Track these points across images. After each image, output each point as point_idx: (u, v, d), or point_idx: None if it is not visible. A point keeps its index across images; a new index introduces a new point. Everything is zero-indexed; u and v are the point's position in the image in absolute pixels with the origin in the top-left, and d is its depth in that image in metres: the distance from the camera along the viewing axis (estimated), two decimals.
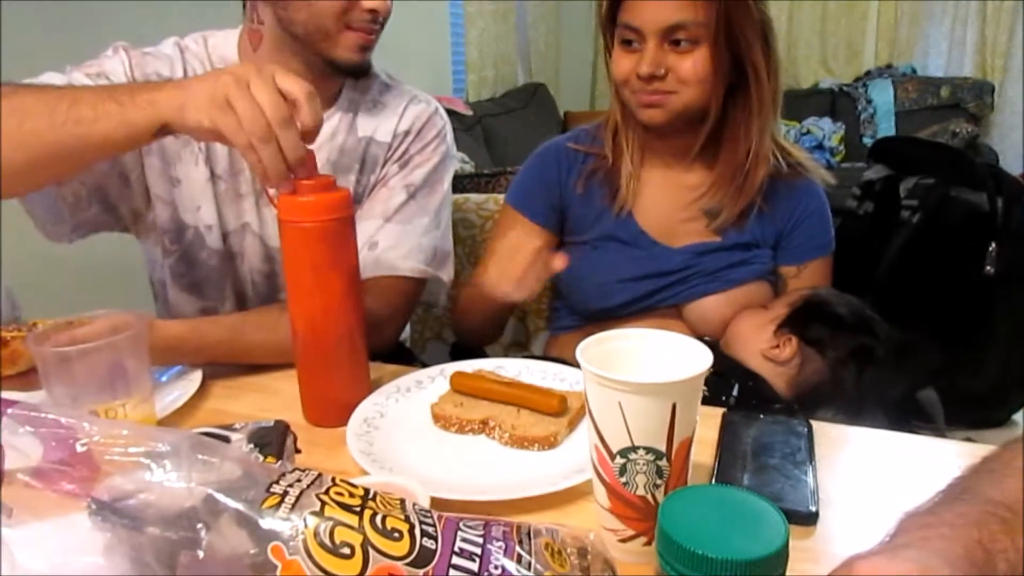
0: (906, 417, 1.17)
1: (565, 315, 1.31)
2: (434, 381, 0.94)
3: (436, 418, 0.85)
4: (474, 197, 1.54)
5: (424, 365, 1.01)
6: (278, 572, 0.39)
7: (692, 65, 1.05)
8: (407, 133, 1.16)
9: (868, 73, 5.04)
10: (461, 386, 0.89)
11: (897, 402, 1.16)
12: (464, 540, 0.44)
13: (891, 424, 0.91)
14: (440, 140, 1.19)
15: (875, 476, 0.78)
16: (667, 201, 1.21)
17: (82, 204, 1.05)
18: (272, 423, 0.68)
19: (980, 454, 0.77)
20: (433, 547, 0.42)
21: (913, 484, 0.75)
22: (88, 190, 1.05)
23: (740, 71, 1.09)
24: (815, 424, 0.83)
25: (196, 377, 0.92)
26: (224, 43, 1.12)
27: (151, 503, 0.43)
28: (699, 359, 0.61)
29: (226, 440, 0.63)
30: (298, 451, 0.73)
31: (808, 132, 4.73)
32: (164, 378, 0.94)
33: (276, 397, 0.94)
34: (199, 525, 0.41)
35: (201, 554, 0.40)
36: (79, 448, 0.41)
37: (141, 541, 0.42)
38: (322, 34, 1.01)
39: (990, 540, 0.46)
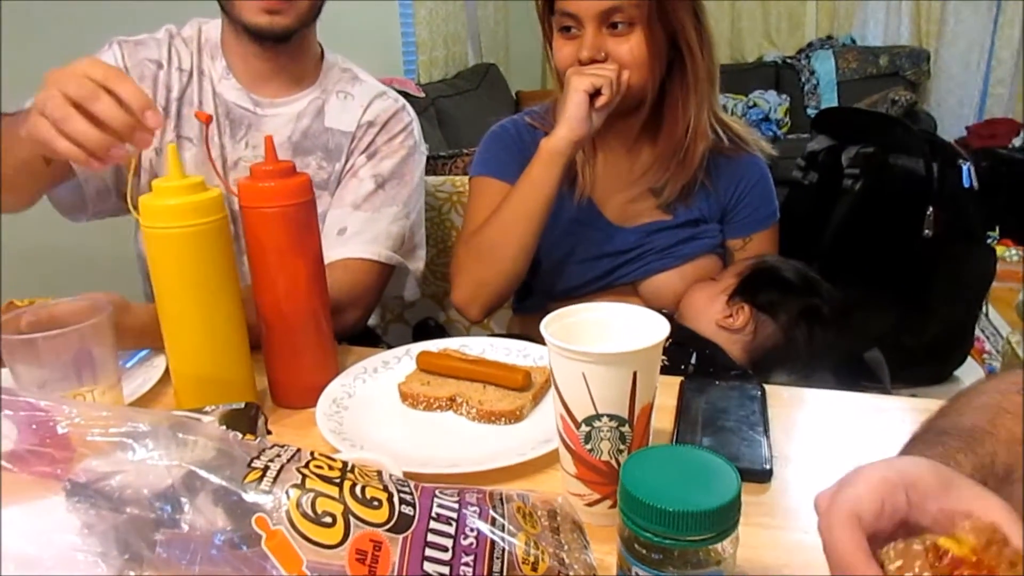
0: (854, 378, 1.23)
1: (526, 296, 1.34)
2: (400, 361, 0.95)
3: (404, 396, 0.87)
4: (431, 179, 1.54)
5: (389, 347, 1.02)
6: (263, 541, 0.40)
7: (629, 48, 1.07)
8: (371, 124, 1.20)
9: (810, 45, 5.14)
10: (427, 365, 0.90)
11: (845, 362, 1.22)
12: (441, 506, 0.46)
13: (840, 385, 0.95)
14: (407, 134, 1.23)
15: (825, 434, 0.82)
16: (619, 183, 1.24)
17: (103, 195, 1.15)
18: (243, 405, 0.69)
19: (923, 407, 0.82)
20: (411, 513, 0.44)
21: (861, 439, 0.80)
22: (111, 184, 1.15)
23: (676, 50, 1.12)
24: (768, 388, 0.86)
25: (160, 363, 0.92)
26: (214, 27, 1.19)
27: (129, 483, 0.44)
28: (657, 329, 0.63)
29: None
30: (268, 432, 0.74)
31: (755, 105, 4.81)
32: (128, 364, 0.93)
33: None
34: (182, 501, 0.42)
35: (185, 528, 0.41)
36: (60, 430, 0.42)
37: (119, 520, 0.43)
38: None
39: (946, 456, 0.48)
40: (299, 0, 1.08)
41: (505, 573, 0.44)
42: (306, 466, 0.44)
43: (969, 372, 1.47)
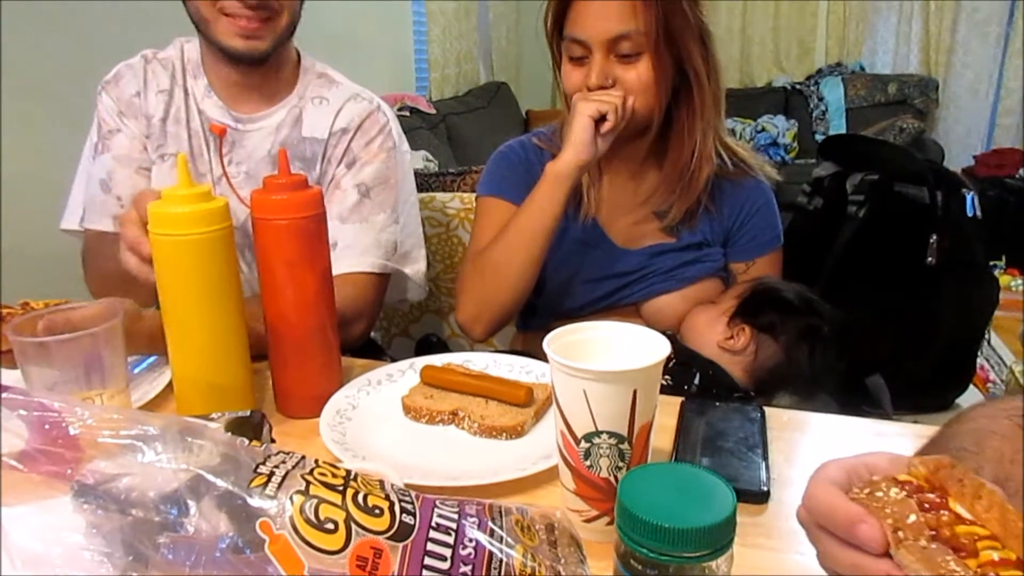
0: (855, 403, 1.23)
1: (530, 314, 1.35)
2: (404, 374, 0.96)
3: (407, 409, 0.88)
4: (440, 196, 1.56)
5: (392, 360, 1.03)
6: (266, 545, 0.41)
7: (637, 75, 1.09)
8: (344, 131, 1.19)
9: (819, 71, 5.19)
10: (431, 379, 0.91)
11: (847, 387, 1.22)
12: (440, 516, 0.47)
13: (842, 410, 0.96)
14: (385, 136, 1.21)
15: (824, 457, 0.81)
16: (624, 206, 1.25)
17: None
18: (249, 413, 0.70)
19: (924, 433, 0.83)
20: (412, 522, 0.45)
21: None
22: None
23: (683, 76, 1.13)
24: (768, 410, 0.87)
25: (167, 370, 0.93)
26: (195, 46, 1.20)
27: (136, 485, 0.45)
28: (658, 348, 0.64)
29: None
30: (272, 441, 0.75)
31: (763, 129, 4.84)
32: (136, 370, 0.95)
33: None
34: (188, 504, 0.43)
35: (190, 531, 0.42)
36: (72, 431, 0.43)
37: (124, 522, 0.44)
38: (204, 22, 1.08)
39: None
40: (276, 22, 1.09)
41: None
42: (310, 473, 0.45)
43: (971, 400, 1.47)
